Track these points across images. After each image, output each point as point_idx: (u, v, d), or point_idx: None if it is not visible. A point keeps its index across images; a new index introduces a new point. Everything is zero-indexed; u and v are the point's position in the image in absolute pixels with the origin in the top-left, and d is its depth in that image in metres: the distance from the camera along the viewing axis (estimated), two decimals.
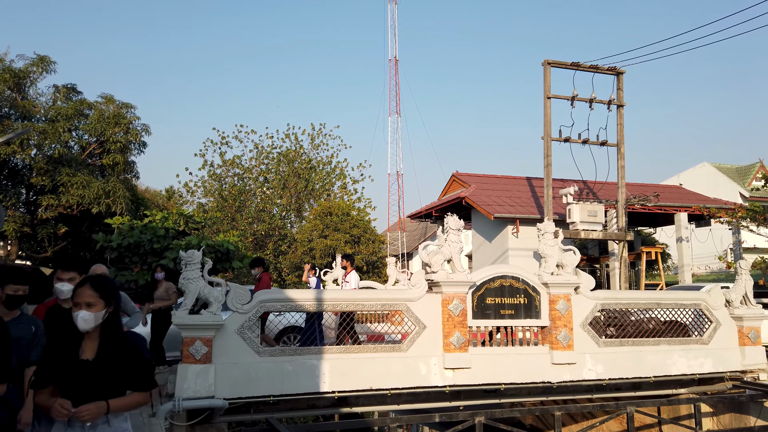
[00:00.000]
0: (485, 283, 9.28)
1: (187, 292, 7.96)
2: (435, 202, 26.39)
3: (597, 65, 19.12)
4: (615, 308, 9.88)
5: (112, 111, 19.80)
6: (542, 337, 9.52)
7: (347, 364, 8.48)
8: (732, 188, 33.52)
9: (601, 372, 9.50)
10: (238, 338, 8.14)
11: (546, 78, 19.03)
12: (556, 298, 9.43)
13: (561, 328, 9.35)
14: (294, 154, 36.44)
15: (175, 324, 7.85)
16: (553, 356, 9.26)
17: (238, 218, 33.12)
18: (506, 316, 9.31)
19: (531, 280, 9.47)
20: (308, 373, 8.30)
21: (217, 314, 8.00)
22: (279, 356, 8.29)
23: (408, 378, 8.67)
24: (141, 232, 15.45)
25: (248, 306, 8.24)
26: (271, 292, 8.68)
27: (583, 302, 9.66)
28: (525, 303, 9.40)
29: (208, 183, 36.25)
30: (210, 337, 7.93)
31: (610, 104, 18.89)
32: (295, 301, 8.44)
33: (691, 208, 23.08)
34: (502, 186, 24.53)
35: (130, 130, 20.03)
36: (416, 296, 8.94)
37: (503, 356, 9.14)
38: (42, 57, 18.98)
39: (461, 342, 8.87)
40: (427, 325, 8.92)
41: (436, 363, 8.82)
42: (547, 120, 18.76)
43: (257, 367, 8.13)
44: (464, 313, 8.99)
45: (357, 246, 27.71)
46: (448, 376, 8.82)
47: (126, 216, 16.62)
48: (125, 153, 20.21)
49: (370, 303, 8.75)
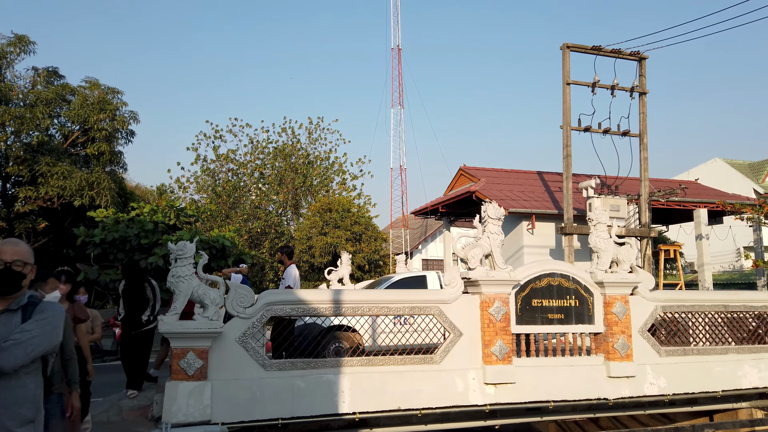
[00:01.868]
0: (530, 283, 7.88)
1: (177, 292, 6.51)
2: (441, 198, 24.98)
3: (619, 49, 17.80)
4: (677, 311, 8.50)
5: (96, 96, 18.25)
6: (596, 346, 8.12)
7: (370, 380, 7.05)
8: (745, 185, 32.37)
9: (663, 386, 8.12)
10: (239, 349, 6.70)
11: (565, 63, 17.71)
12: (612, 299, 8.04)
13: (618, 335, 7.95)
14: (291, 149, 34.90)
15: (163, 332, 6.39)
16: (609, 368, 7.86)
17: (232, 215, 31.56)
18: (555, 321, 7.91)
19: (583, 279, 8.08)
20: (324, 391, 6.87)
21: (215, 320, 6.55)
22: (289, 370, 6.86)
23: (442, 396, 7.25)
24: (127, 226, 13.96)
25: (252, 309, 6.80)
26: (279, 292, 7.23)
27: (642, 305, 8.28)
28: (576, 305, 8.00)
29: (200, 178, 34.63)
30: (206, 348, 6.48)
31: (633, 91, 17.59)
32: (308, 303, 7.00)
33: (714, 204, 21.85)
34: (513, 180, 23.22)
35: (116, 117, 18.48)
36: (451, 297, 7.53)
37: (552, 368, 7.74)
38: (20, 37, 17.38)
39: (504, 352, 7.46)
40: (464, 332, 7.51)
41: (474, 377, 7.41)
42: (566, 108, 17.44)
43: (263, 383, 6.69)
44: (507, 317, 7.58)
45: (358, 244, 26.27)
46: (489, 393, 7.41)
47: (111, 209, 15.10)
48: (111, 142, 18.67)
49: (397, 305, 7.32)
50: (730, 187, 30.87)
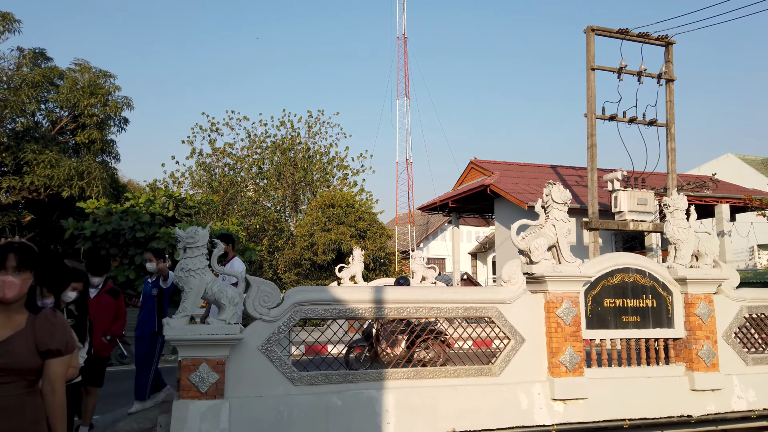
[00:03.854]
0: (601, 279, 6.68)
1: (188, 289, 5.26)
2: (451, 192, 23.82)
3: (647, 33, 16.72)
4: (765, 312, 7.33)
5: (87, 80, 16.89)
6: (675, 354, 6.94)
7: (419, 396, 5.83)
8: (759, 180, 31.34)
9: (752, 400, 6.95)
10: (263, 359, 5.46)
11: (589, 47, 16.63)
12: (694, 299, 6.86)
13: (702, 340, 6.78)
14: (290, 143, 33.60)
15: (169, 339, 5.14)
16: (693, 380, 6.69)
17: (229, 211, 30.26)
18: (630, 324, 6.72)
19: (660, 275, 6.89)
20: (365, 410, 5.64)
21: (233, 323, 5.32)
22: (322, 384, 5.63)
23: (503, 415, 6.04)
24: (121, 218, 12.66)
25: (277, 310, 5.57)
26: (310, 290, 5.99)
27: (727, 305, 7.11)
28: (653, 306, 6.81)
29: (196, 173, 33.28)
30: (222, 359, 5.24)
31: (660, 78, 16.52)
32: (344, 303, 5.77)
33: (738, 199, 20.82)
34: (528, 174, 22.13)
35: (108, 102, 17.12)
36: (511, 297, 6.32)
37: (628, 381, 6.55)
38: (4, 14, 16.00)
39: (575, 362, 6.26)
40: (527, 338, 6.31)
41: (540, 392, 6.20)
42: (590, 95, 16.37)
43: (291, 401, 5.46)
44: (577, 320, 6.38)
45: (363, 241, 25.01)
46: (557, 411, 6.21)
47: (103, 199, 13.79)
48: (103, 129, 17.32)
49: (449, 306, 6.10)
50: (743, 183, 29.88)
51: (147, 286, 7.14)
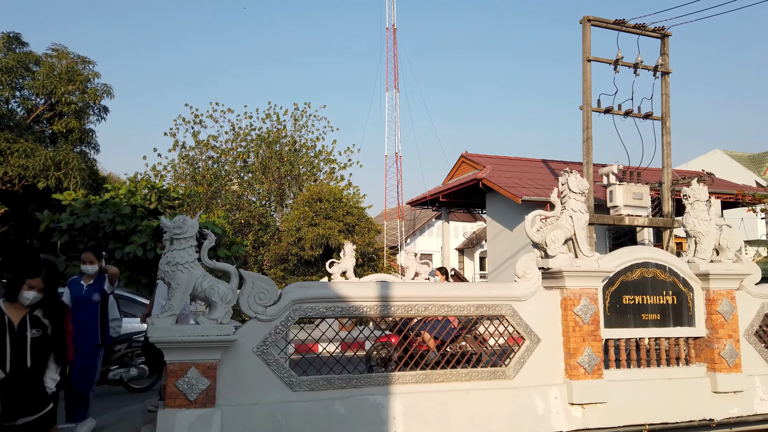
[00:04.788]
0: (620, 275, 6.25)
1: (175, 285, 4.71)
2: (441, 186, 23.38)
3: (644, 24, 16.38)
4: None
5: (64, 66, 16.11)
6: (695, 354, 6.54)
7: (429, 402, 5.35)
8: (747, 176, 31.45)
9: None
10: (258, 362, 4.93)
11: (585, 37, 16.24)
12: (716, 295, 6.46)
13: (725, 339, 6.39)
14: (276, 136, 32.85)
15: (154, 341, 4.59)
16: (716, 381, 6.29)
17: (213, 205, 29.48)
18: (650, 322, 6.30)
19: (681, 270, 6.48)
20: (370, 418, 5.14)
21: (225, 323, 4.78)
22: (323, 390, 5.12)
23: (518, 420, 5.58)
24: (100, 210, 11.98)
25: (274, 309, 5.04)
26: (310, 286, 5.46)
27: (748, 302, 6.73)
28: (674, 303, 6.40)
29: (179, 166, 32.41)
30: (213, 362, 4.71)
31: (657, 70, 16.21)
32: (348, 301, 5.25)
33: (729, 195, 20.71)
34: (520, 168, 21.77)
35: (87, 89, 16.35)
36: (525, 293, 5.86)
37: (648, 383, 6.13)
38: None
39: (594, 363, 5.82)
40: (542, 338, 5.86)
41: (557, 396, 5.75)
42: (586, 86, 15.99)
43: (290, 409, 4.94)
44: (596, 318, 5.94)
45: (351, 236, 24.45)
46: (575, 416, 5.76)
47: (81, 191, 13.08)
48: (81, 118, 16.54)
49: (460, 303, 5.62)
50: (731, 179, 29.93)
51: (81, 289, 5.90)
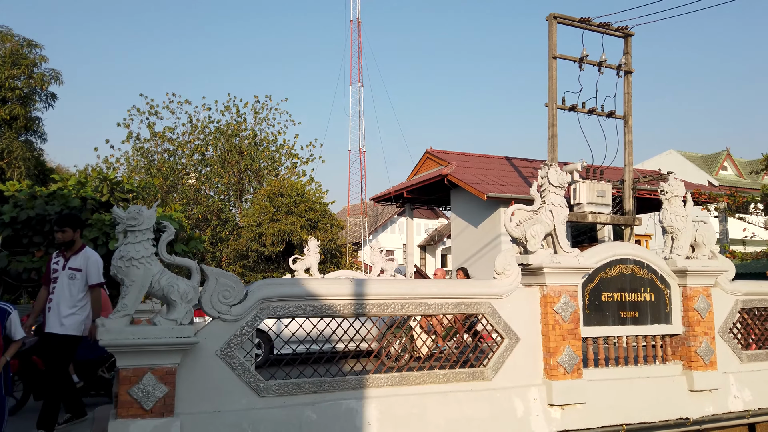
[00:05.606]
0: (599, 271, 6.09)
1: (129, 282, 4.25)
2: (405, 182, 23.13)
3: (608, 23, 16.54)
4: (758, 306, 6.96)
5: (9, 49, 15.08)
6: (672, 351, 6.44)
7: (406, 405, 5.04)
8: (700, 176, 32.41)
9: (748, 400, 6.56)
10: (222, 366, 4.51)
11: (551, 35, 16.31)
12: (693, 292, 6.37)
13: (701, 336, 6.31)
14: (235, 129, 31.98)
15: (105, 344, 4.12)
16: (692, 379, 6.20)
17: (169, 199, 28.46)
18: (628, 320, 6.16)
19: (659, 267, 6.37)
20: (344, 424, 4.80)
21: (185, 324, 4.35)
22: (293, 395, 4.74)
23: (497, 424, 5.33)
24: (46, 202, 11.16)
25: (240, 308, 4.63)
26: (280, 283, 5.05)
27: (723, 299, 6.68)
28: (652, 300, 6.29)
29: (133, 159, 31.18)
30: (172, 367, 4.27)
31: (620, 69, 16.41)
32: (320, 299, 4.88)
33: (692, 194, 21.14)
34: (484, 165, 21.71)
35: (33, 75, 15.37)
36: (505, 291, 5.62)
37: (627, 382, 5.99)
38: None
39: (574, 362, 5.63)
40: (521, 337, 5.63)
41: (537, 397, 5.54)
42: (552, 84, 16.05)
43: (257, 417, 4.55)
44: (576, 316, 5.75)
45: (314, 231, 23.97)
46: (554, 418, 5.56)
47: (25, 181, 12.23)
48: (27, 105, 15.54)
49: (438, 301, 5.33)
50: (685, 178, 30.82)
51: None
